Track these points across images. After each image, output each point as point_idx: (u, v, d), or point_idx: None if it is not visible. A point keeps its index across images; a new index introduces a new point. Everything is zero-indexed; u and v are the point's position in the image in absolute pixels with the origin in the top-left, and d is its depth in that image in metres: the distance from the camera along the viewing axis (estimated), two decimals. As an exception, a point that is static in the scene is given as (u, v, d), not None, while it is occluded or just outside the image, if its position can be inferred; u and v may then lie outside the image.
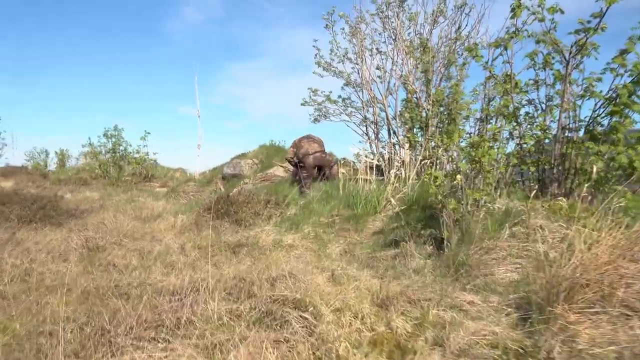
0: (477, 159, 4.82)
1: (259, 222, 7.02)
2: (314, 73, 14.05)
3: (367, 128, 13.54)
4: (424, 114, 10.48)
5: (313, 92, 14.07)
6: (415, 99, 10.96)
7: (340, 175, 8.05)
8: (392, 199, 6.67)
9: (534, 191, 5.33)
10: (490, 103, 10.26)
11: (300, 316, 2.92)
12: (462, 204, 5.06)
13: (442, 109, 10.27)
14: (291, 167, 12.93)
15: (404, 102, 11.04)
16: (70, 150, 22.79)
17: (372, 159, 10.90)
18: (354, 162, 12.01)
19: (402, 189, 7.00)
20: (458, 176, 4.82)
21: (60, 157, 22.22)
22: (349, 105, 14.23)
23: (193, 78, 18.71)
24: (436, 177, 4.90)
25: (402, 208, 6.54)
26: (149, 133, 16.38)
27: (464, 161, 4.85)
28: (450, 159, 9.33)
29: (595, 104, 5.92)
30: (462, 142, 12.13)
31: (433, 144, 10.13)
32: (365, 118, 13.49)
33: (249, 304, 3.09)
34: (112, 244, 5.38)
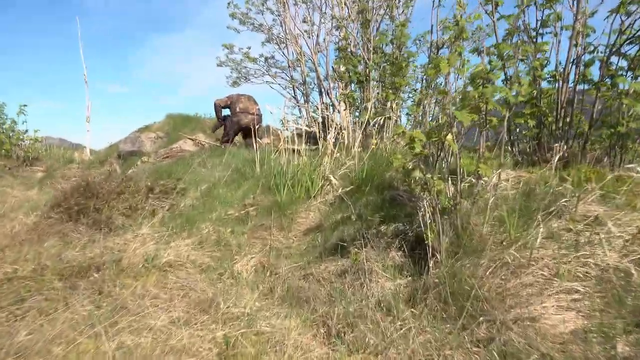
0: (480, 102, 2.72)
1: (135, 221, 4.66)
2: (228, 28, 11.64)
3: (294, 90, 11.38)
4: (360, 68, 8.33)
5: (229, 48, 11.65)
6: (349, 50, 8.73)
7: (256, 145, 5.76)
8: (332, 177, 4.51)
9: (561, 155, 3.35)
10: (440, 51, 8.38)
11: None
12: (452, 183, 2.99)
13: (384, 59, 8.16)
14: (202, 140, 10.53)
15: (337, 51, 8.82)
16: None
17: (302, 125, 8.71)
18: (280, 130, 9.78)
19: (345, 161, 4.86)
20: (449, 137, 2.72)
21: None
22: (272, 65, 12.02)
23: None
24: (413, 139, 2.75)
25: (348, 189, 4.41)
26: (25, 106, 13.18)
27: (455, 109, 2.74)
28: (411, 117, 7.35)
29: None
30: (408, 99, 10.11)
31: (374, 101, 8.04)
32: (292, 78, 11.31)
33: None
34: None
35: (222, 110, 9.15)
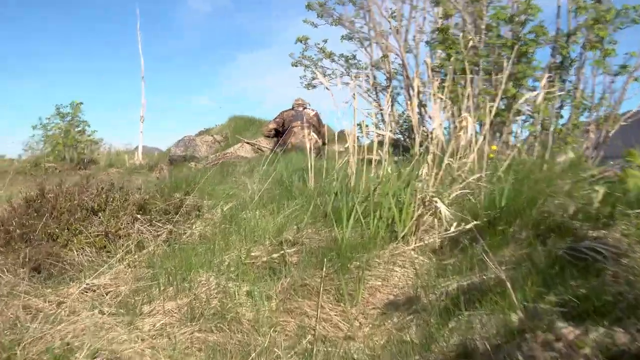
0: None
1: (111, 258, 2.85)
2: (304, 22, 9.91)
3: (376, 93, 9.40)
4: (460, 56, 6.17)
5: (303, 42, 9.85)
6: (452, 32, 6.57)
7: (310, 145, 3.67)
8: (439, 202, 2.42)
9: None
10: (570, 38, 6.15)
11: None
12: None
13: (499, 41, 5.98)
14: (264, 145, 8.78)
15: (435, 32, 6.72)
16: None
17: (386, 132, 6.64)
18: (349, 134, 7.80)
19: (460, 176, 2.77)
20: None
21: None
22: (353, 65, 10.17)
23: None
24: None
25: (468, 227, 2.33)
26: (81, 104, 12.22)
27: None
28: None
29: None
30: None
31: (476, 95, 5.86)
32: (375, 79, 9.34)
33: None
34: None
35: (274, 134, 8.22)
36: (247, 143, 8.63)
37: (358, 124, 5.52)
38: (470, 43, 5.33)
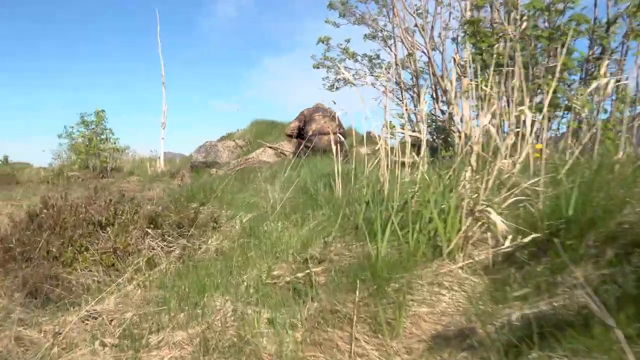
0: None
1: (120, 276, 2.58)
2: (326, 22, 9.68)
3: (402, 93, 9.08)
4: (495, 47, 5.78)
5: (325, 43, 9.59)
6: (485, 24, 6.20)
7: (337, 149, 3.36)
8: (492, 212, 2.06)
9: None
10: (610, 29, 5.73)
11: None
12: None
13: (535, 32, 5.57)
14: (286, 149, 8.51)
15: (466, 26, 6.33)
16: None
17: (418, 132, 6.29)
18: (378, 136, 7.48)
19: (511, 178, 2.40)
20: None
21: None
22: (376, 65, 9.92)
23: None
24: None
25: (527, 241, 1.96)
26: (103, 111, 12.15)
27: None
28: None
29: None
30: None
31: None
32: (401, 78, 9.02)
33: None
34: None
35: (297, 133, 8.17)
36: (269, 147, 8.36)
37: (390, 124, 5.15)
38: (511, 34, 4.90)
